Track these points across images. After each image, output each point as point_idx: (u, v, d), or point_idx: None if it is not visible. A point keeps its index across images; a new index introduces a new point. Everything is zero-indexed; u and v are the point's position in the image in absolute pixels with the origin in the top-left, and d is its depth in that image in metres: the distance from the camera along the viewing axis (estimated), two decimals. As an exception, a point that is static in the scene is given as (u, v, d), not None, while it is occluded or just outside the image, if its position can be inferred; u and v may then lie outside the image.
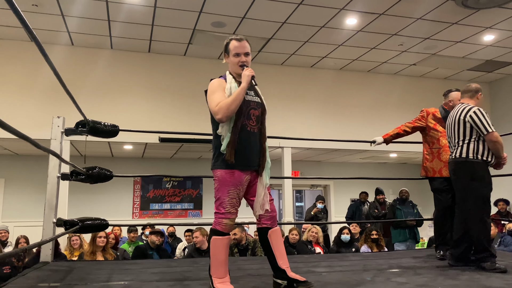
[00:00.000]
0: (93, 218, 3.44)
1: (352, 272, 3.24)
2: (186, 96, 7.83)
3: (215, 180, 2.61)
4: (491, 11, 6.14)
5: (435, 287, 2.61)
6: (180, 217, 10.83)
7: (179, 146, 8.80)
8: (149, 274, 3.18)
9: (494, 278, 2.84)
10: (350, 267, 3.52)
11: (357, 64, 8.46)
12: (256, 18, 6.39)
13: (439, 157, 3.77)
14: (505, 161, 3.27)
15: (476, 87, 3.45)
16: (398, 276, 3.03)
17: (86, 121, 3.42)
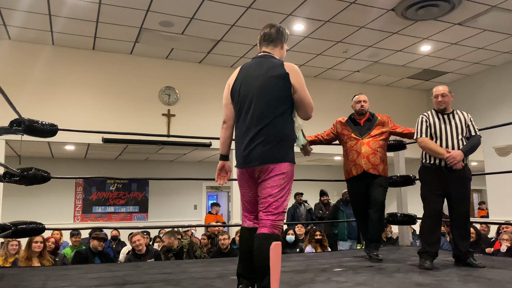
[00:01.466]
0: (27, 222, 3.27)
1: (295, 272, 3.31)
2: (132, 95, 7.64)
3: (282, 174, 2.25)
4: (428, 23, 6.52)
5: (372, 285, 2.73)
6: (125, 220, 10.53)
7: (124, 147, 8.56)
8: (88, 279, 3.07)
9: (425, 276, 3.01)
10: (293, 268, 3.59)
11: (304, 70, 8.65)
12: (205, 19, 6.37)
13: (347, 158, 3.98)
14: (449, 159, 3.32)
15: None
16: (338, 275, 3.13)
17: (22, 119, 3.25)
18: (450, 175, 3.38)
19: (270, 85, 2.31)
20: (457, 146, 3.39)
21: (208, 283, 2.89)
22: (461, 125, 3.44)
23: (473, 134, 3.43)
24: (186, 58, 8.01)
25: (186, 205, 11.07)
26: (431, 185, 3.47)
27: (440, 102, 3.49)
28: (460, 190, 3.40)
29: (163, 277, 3.20)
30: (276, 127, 2.26)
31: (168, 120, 7.78)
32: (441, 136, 3.44)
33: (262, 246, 2.13)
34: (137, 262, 4.95)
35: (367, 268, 3.42)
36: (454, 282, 2.75)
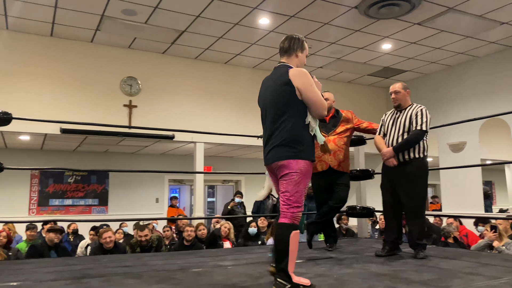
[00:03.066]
0: (-22, 215, 3.11)
1: (257, 265, 3.34)
2: (93, 85, 7.41)
3: (295, 172, 2.43)
4: (389, 22, 6.70)
5: (332, 276, 2.80)
6: (83, 213, 10.24)
7: (83, 138, 8.30)
8: (43, 273, 2.97)
9: (383, 266, 3.12)
10: (255, 260, 3.62)
11: (270, 64, 8.69)
12: (169, 9, 6.26)
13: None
14: (383, 157, 3.56)
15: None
16: (299, 266, 3.18)
17: (-28, 107, 3.08)
18: (397, 171, 3.52)
19: (277, 92, 2.55)
20: (395, 142, 3.54)
21: (169, 275, 2.87)
22: (405, 121, 3.53)
23: (413, 129, 3.48)
24: (149, 48, 7.84)
25: (147, 198, 10.90)
26: (384, 179, 3.69)
27: (394, 99, 3.64)
28: (406, 186, 3.49)
29: (124, 270, 3.15)
30: (285, 130, 2.48)
31: (129, 111, 7.61)
32: (388, 133, 3.62)
33: (284, 234, 2.41)
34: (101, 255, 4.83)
35: (327, 260, 3.50)
36: (409, 272, 2.87)
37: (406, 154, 3.49)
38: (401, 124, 3.55)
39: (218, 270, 3.09)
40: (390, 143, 3.58)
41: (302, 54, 2.72)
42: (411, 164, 3.50)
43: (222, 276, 2.84)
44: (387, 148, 3.55)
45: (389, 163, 3.52)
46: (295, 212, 2.44)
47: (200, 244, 5.80)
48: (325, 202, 4.06)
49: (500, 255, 4.43)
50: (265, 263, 3.38)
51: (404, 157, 3.50)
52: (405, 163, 3.50)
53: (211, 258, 3.72)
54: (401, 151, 3.49)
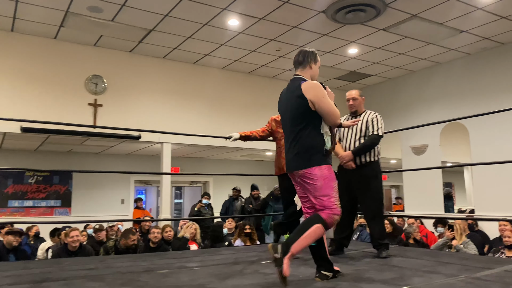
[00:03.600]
0: None
1: (224, 266, 3.34)
2: (56, 82, 7.18)
3: (318, 178, 2.62)
4: (356, 27, 6.85)
5: (297, 276, 2.84)
6: (45, 215, 9.90)
7: (45, 138, 8.03)
8: (1, 277, 2.86)
9: (346, 266, 3.19)
10: (222, 261, 3.62)
11: (239, 65, 8.70)
12: (137, 7, 6.16)
13: (280, 155, 4.13)
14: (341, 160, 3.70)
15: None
16: (266, 267, 3.21)
17: None
18: (354, 174, 3.66)
19: (293, 105, 2.73)
20: (352, 146, 3.70)
21: (133, 277, 2.82)
22: (361, 126, 3.71)
23: (370, 134, 3.66)
24: (116, 46, 7.69)
25: (112, 199, 10.66)
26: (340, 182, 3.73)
27: (351, 105, 3.83)
28: (365, 188, 3.66)
29: (86, 273, 3.08)
30: (301, 139, 2.67)
31: (94, 110, 7.43)
32: (345, 137, 3.77)
33: (311, 219, 2.59)
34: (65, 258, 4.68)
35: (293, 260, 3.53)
36: (371, 272, 2.94)
37: (363, 158, 3.66)
38: (358, 129, 3.71)
39: (184, 272, 3.08)
40: (347, 147, 3.73)
41: (315, 66, 2.94)
42: (367, 167, 3.67)
43: (188, 277, 2.83)
44: (345, 152, 3.68)
45: (348, 166, 3.66)
46: (331, 214, 2.60)
47: (167, 246, 5.73)
48: (291, 203, 4.11)
49: (458, 254, 4.62)
50: (232, 264, 3.39)
51: (361, 161, 3.66)
52: (361, 166, 3.66)
53: (177, 260, 3.69)
54: (359, 155, 3.65)
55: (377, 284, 2.55)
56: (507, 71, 7.55)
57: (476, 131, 7.77)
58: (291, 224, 4.18)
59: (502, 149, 7.25)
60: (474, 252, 5.36)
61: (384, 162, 10.60)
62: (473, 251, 5.36)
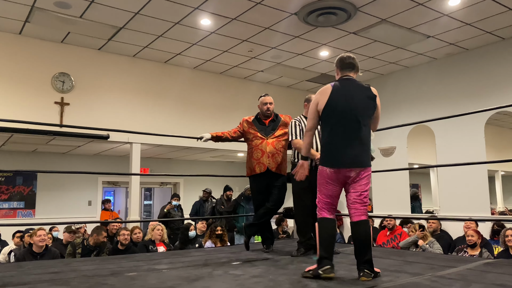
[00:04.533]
0: None
1: (193, 267, 3.30)
2: (20, 80, 6.93)
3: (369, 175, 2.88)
4: (327, 30, 6.93)
5: (267, 277, 2.84)
6: (8, 217, 9.54)
7: (8, 137, 7.73)
8: (-42, 283, 2.73)
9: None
10: (191, 263, 3.58)
11: (211, 65, 8.65)
12: (106, 4, 6.02)
13: (251, 156, 4.15)
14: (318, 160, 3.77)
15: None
16: (235, 268, 3.20)
17: None
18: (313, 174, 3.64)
19: (365, 103, 2.87)
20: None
21: (100, 281, 2.75)
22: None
23: None
24: (84, 44, 7.49)
25: (79, 201, 10.38)
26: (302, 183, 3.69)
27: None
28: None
29: (50, 276, 2.97)
30: (366, 137, 2.85)
31: (61, 109, 7.21)
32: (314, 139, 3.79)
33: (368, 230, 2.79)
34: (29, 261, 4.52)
35: (263, 261, 3.54)
36: (340, 272, 2.97)
37: None
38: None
39: (152, 274, 3.02)
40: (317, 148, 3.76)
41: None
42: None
43: (156, 279, 2.78)
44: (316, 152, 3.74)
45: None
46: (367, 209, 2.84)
47: (135, 248, 5.62)
48: (262, 204, 4.12)
49: (423, 253, 4.74)
50: (202, 265, 3.35)
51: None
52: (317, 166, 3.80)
53: (145, 262, 3.62)
54: None
55: (346, 284, 2.58)
56: (471, 76, 7.82)
57: (442, 134, 8.01)
58: (262, 224, 4.19)
59: (466, 151, 7.50)
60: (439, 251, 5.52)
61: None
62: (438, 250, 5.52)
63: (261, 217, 4.13)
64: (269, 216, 4.19)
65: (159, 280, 2.74)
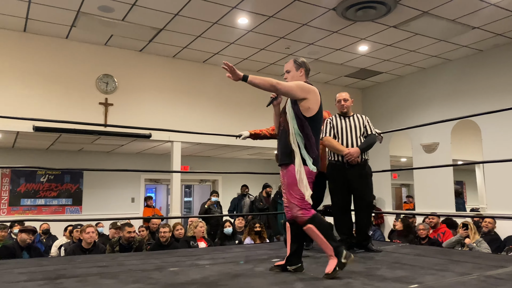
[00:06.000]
0: None
1: (234, 263, 3.35)
2: (67, 82, 7.25)
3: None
4: (366, 24, 6.81)
5: (308, 274, 2.84)
6: (56, 213, 10.02)
7: (57, 137, 8.12)
8: (16, 274, 2.91)
9: (357, 264, 3.18)
10: (232, 259, 3.63)
11: (248, 64, 8.70)
12: (147, 6, 6.19)
13: None
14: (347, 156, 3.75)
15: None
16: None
17: None
18: (351, 171, 3.78)
19: None
20: (355, 144, 3.83)
21: (145, 275, 2.85)
22: (359, 126, 3.91)
23: (369, 133, 3.89)
24: (126, 46, 7.73)
25: (123, 198, 10.74)
26: (337, 181, 3.89)
27: (343, 106, 3.99)
28: (360, 186, 3.82)
29: (98, 270, 3.11)
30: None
31: (105, 109, 7.49)
32: (342, 135, 3.88)
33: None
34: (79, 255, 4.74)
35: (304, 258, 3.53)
36: (383, 270, 2.93)
37: (363, 155, 3.86)
38: (357, 128, 3.90)
39: (195, 269, 3.09)
40: (348, 144, 3.84)
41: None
42: (366, 164, 3.90)
43: (199, 275, 2.84)
44: (351, 148, 3.79)
45: (355, 161, 3.78)
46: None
47: (177, 243, 5.76)
48: None
49: (470, 252, 4.58)
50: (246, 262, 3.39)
51: (362, 158, 3.83)
52: (361, 164, 3.83)
53: (187, 258, 3.71)
54: (365, 151, 3.86)
55: (389, 282, 2.54)
56: (519, 67, 7.45)
57: (488, 129, 7.68)
58: None
59: (515, 146, 7.16)
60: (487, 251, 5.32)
61: (394, 160, 10.53)
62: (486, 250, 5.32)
63: None
64: None
65: (202, 275, 2.80)
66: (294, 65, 3.14)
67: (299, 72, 3.13)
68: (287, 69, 3.20)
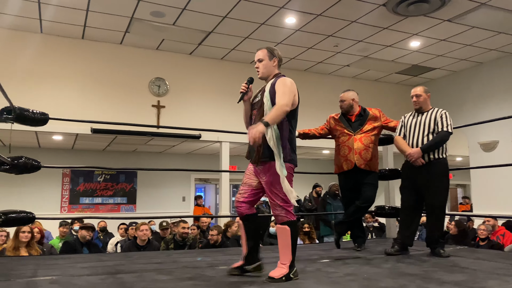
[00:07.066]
0: (17, 211, 3.25)
1: (285, 263, 3.34)
2: (122, 86, 7.58)
3: None
4: (418, 19, 6.59)
5: (361, 275, 2.79)
6: (112, 211, 10.49)
7: (112, 138, 8.50)
8: (79, 268, 3.07)
9: (413, 266, 3.08)
10: (283, 258, 3.62)
11: (295, 63, 8.68)
12: (197, 10, 6.33)
13: (338, 153, 4.06)
14: (408, 157, 3.60)
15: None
16: (328, 266, 3.18)
17: (12, 107, 3.21)
18: (421, 170, 3.58)
19: None
20: (421, 143, 3.60)
21: (199, 272, 2.91)
22: (429, 123, 3.62)
23: (439, 130, 3.57)
24: (176, 49, 7.96)
25: (174, 196, 11.06)
26: (405, 180, 3.75)
27: (415, 102, 3.75)
28: (430, 185, 3.57)
29: (155, 266, 3.22)
30: None
31: (157, 111, 7.75)
32: (410, 134, 3.69)
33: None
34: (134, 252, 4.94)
35: (356, 259, 3.48)
36: (440, 273, 2.82)
37: (431, 154, 3.58)
38: (425, 125, 3.63)
39: (247, 268, 3.12)
40: (413, 144, 3.64)
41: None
42: (436, 164, 3.58)
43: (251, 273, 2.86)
44: (412, 148, 3.60)
45: (417, 162, 3.57)
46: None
47: (228, 242, 5.84)
48: (352, 201, 4.04)
49: (535, 258, 4.30)
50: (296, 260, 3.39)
51: (429, 158, 3.58)
52: (430, 163, 3.58)
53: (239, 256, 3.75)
54: (428, 152, 3.57)
55: (449, 285, 2.44)
56: None
57: (554, 126, 7.18)
58: (352, 223, 4.11)
59: None
60: (555, 256, 4.96)
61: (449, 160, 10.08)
62: (553, 255, 4.97)
63: (351, 215, 4.05)
64: (359, 214, 4.09)
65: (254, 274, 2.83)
66: (268, 54, 2.97)
67: (272, 62, 2.97)
68: (259, 57, 2.98)
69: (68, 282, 2.55)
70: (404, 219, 3.79)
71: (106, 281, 2.59)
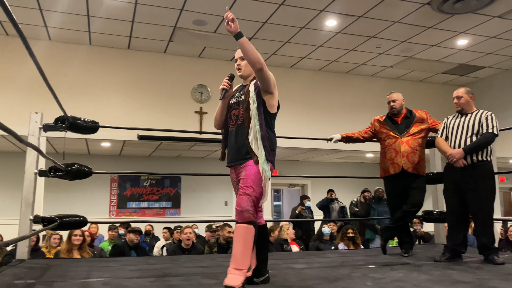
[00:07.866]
0: (71, 215, 3.41)
1: (330, 268, 3.31)
2: (166, 93, 7.79)
3: None
4: (465, 17, 6.34)
5: (410, 282, 2.71)
6: (158, 215, 10.76)
7: (157, 144, 8.74)
8: (128, 271, 3.18)
9: (465, 274, 2.96)
10: (328, 264, 3.60)
11: (336, 65, 8.59)
12: (238, 17, 6.36)
13: (384, 156, 3.95)
14: (449, 158, 3.49)
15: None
16: (374, 271, 3.11)
17: (66, 117, 3.38)
18: (464, 173, 3.45)
19: None
20: (464, 145, 3.46)
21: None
22: (473, 124, 3.48)
23: (484, 132, 3.42)
24: (218, 56, 8.09)
25: (217, 201, 11.20)
26: (448, 183, 3.63)
27: (456, 104, 3.65)
28: (474, 189, 3.42)
29: (200, 270, 3.28)
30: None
31: (200, 118, 7.90)
32: (452, 135, 3.57)
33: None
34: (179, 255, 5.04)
35: (403, 265, 3.38)
36: (496, 281, 2.69)
37: (475, 156, 3.43)
38: (469, 126, 3.50)
39: (291, 272, 3.12)
40: (456, 146, 3.52)
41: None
42: (480, 166, 3.44)
43: (296, 278, 2.86)
44: (454, 149, 3.48)
45: (459, 164, 3.45)
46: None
47: (271, 246, 5.85)
48: (399, 206, 3.93)
49: None
50: (338, 267, 3.35)
51: (472, 160, 3.44)
52: (473, 166, 3.44)
53: (283, 261, 3.75)
54: (471, 153, 3.44)
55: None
56: None
57: None
58: (399, 228, 4.00)
59: None
60: None
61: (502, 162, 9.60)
62: None
63: (398, 220, 3.94)
64: (406, 219, 3.98)
65: (299, 279, 2.82)
66: None
67: None
68: (241, 55, 2.77)
69: (119, 284, 2.64)
70: (452, 224, 3.66)
71: (154, 284, 2.66)
